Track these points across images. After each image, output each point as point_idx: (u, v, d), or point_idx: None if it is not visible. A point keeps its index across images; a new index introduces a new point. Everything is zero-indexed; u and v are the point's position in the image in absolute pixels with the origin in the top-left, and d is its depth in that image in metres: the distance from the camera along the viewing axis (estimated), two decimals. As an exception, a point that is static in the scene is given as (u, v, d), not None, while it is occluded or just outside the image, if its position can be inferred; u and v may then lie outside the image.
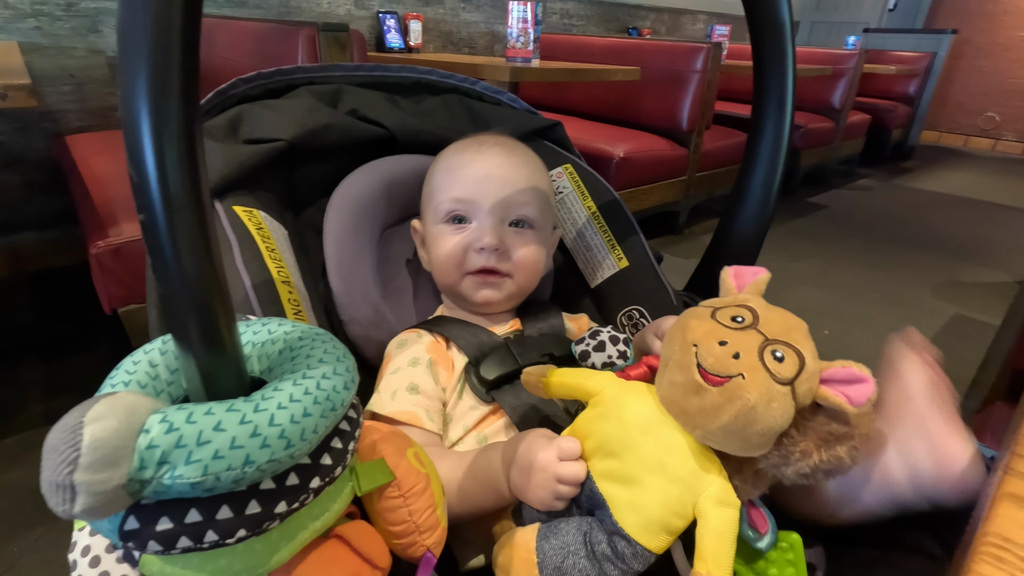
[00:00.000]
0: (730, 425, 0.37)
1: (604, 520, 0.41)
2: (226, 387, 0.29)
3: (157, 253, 0.24)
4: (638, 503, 0.40)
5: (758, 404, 0.36)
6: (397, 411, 0.52)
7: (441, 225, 0.60)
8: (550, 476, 0.42)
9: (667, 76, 2.21)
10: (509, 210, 0.60)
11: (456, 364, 0.57)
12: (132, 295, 1.05)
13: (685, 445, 0.40)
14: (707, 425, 0.38)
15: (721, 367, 0.37)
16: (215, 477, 0.26)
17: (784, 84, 0.59)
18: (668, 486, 0.40)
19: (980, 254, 2.52)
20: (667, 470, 0.40)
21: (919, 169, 4.26)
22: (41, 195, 1.64)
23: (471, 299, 0.61)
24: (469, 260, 0.59)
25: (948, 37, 4.20)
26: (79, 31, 1.63)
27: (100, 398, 0.25)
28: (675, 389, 0.40)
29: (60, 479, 0.23)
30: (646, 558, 0.40)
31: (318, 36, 1.19)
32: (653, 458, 0.40)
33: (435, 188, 0.62)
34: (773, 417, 0.36)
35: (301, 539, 0.32)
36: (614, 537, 0.40)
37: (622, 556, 0.40)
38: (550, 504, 0.43)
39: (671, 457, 0.40)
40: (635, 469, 0.40)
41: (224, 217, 0.54)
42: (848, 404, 0.36)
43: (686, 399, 0.39)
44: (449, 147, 0.64)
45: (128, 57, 0.23)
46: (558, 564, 0.40)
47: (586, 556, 0.40)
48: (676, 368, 0.40)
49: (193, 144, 0.24)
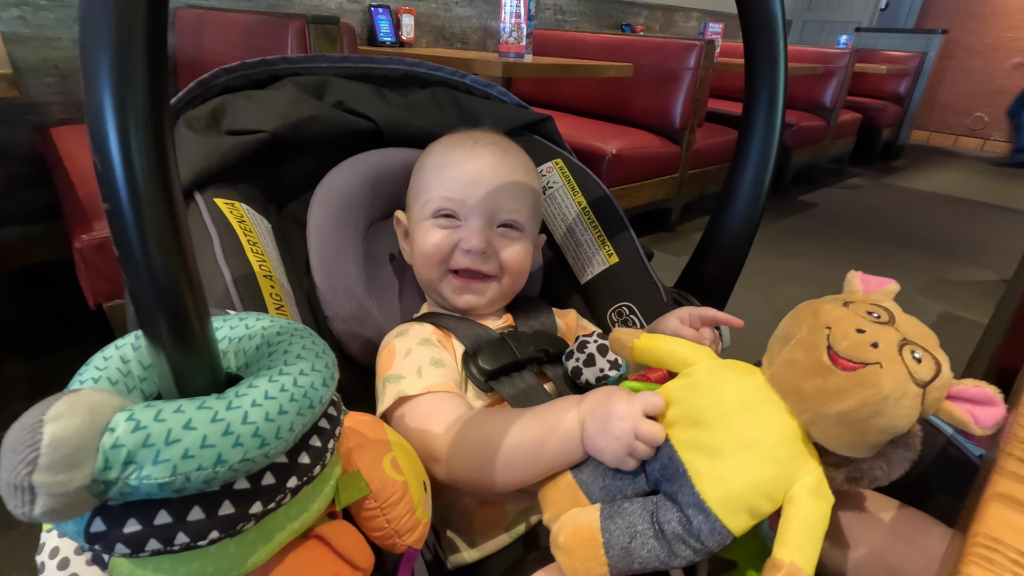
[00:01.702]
0: (852, 413, 0.35)
1: (680, 492, 0.38)
2: (199, 384, 0.28)
3: (123, 245, 0.23)
4: (724, 477, 0.37)
5: (890, 396, 0.34)
6: (432, 385, 0.50)
7: (429, 220, 0.59)
8: (628, 429, 0.40)
9: (660, 73, 2.21)
10: (498, 213, 0.59)
11: (458, 352, 0.56)
12: (117, 290, 1.03)
13: (788, 427, 0.38)
14: (823, 408, 0.36)
15: (857, 353, 0.36)
16: (185, 477, 0.25)
17: (776, 80, 0.59)
18: (761, 464, 0.37)
19: (968, 253, 2.54)
20: (763, 448, 0.37)
21: (909, 168, 4.29)
22: (24, 188, 1.62)
23: (452, 302, 0.60)
24: (454, 258, 0.58)
25: (938, 37, 4.23)
26: (64, 22, 1.60)
27: (62, 395, 0.24)
28: (793, 368, 0.38)
29: (18, 480, 0.22)
30: (723, 537, 0.37)
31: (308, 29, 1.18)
32: (748, 434, 0.38)
33: (424, 183, 0.61)
34: (900, 415, 0.34)
35: (278, 540, 0.31)
36: (691, 511, 0.37)
37: (697, 533, 0.37)
38: (622, 459, 0.40)
39: (769, 435, 0.38)
40: (725, 442, 0.38)
41: (204, 209, 0.53)
42: (974, 424, 0.34)
43: (804, 379, 0.37)
44: (441, 141, 0.63)
45: (89, 35, 0.22)
46: (625, 544, 0.38)
47: (654, 536, 0.38)
48: (800, 347, 0.38)
49: (161, 130, 0.23)
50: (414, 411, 0.49)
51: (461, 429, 0.46)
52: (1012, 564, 0.22)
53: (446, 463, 0.46)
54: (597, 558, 0.38)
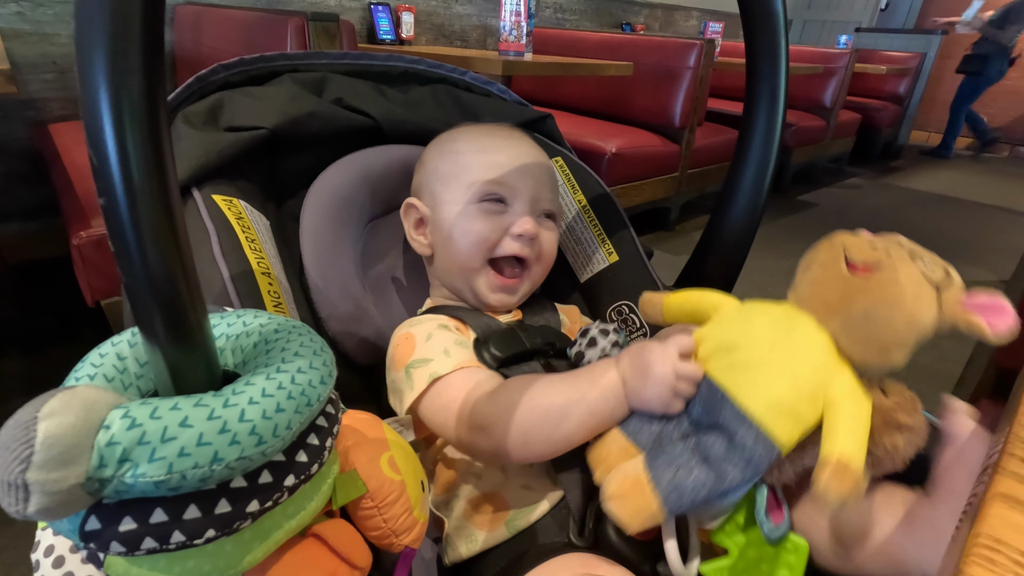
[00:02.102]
0: (875, 309, 0.37)
1: (722, 415, 0.39)
2: (195, 381, 0.27)
3: (119, 240, 0.23)
4: (764, 382, 0.38)
5: (907, 289, 0.36)
6: (462, 362, 0.50)
7: (474, 205, 0.57)
8: (668, 371, 0.41)
9: (660, 72, 2.20)
10: (541, 202, 0.59)
11: (471, 339, 0.56)
12: (115, 287, 1.03)
13: (818, 339, 0.39)
14: (849, 311, 0.38)
15: (873, 258, 0.39)
16: (181, 475, 0.25)
17: (777, 79, 0.59)
18: (797, 366, 0.39)
19: (966, 253, 2.55)
20: (797, 355, 0.39)
21: (907, 168, 4.29)
22: (22, 185, 1.61)
23: (483, 298, 0.59)
24: (503, 244, 0.57)
25: (938, 38, 4.23)
26: (62, 17, 1.59)
27: (57, 392, 0.23)
28: (816, 285, 0.40)
29: (12, 478, 0.22)
30: (768, 448, 0.37)
31: (307, 26, 1.17)
32: (782, 344, 0.40)
33: (463, 167, 0.59)
34: (919, 308, 0.36)
35: (275, 539, 0.31)
36: (734, 428, 0.38)
37: (742, 446, 0.37)
38: (668, 402, 0.41)
39: (802, 346, 0.39)
40: (760, 355, 0.40)
41: (203, 206, 0.53)
42: (989, 330, 0.36)
43: (828, 291, 0.39)
44: (466, 128, 0.62)
45: (84, 28, 0.21)
46: (671, 478, 0.38)
47: (698, 464, 0.39)
48: (819, 267, 0.41)
49: (157, 124, 0.23)
50: (450, 388, 0.48)
51: (506, 393, 0.46)
52: (1014, 564, 0.22)
53: (494, 430, 0.45)
54: (647, 496, 0.39)
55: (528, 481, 0.50)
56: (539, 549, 0.46)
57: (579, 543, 0.46)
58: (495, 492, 0.50)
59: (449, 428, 0.48)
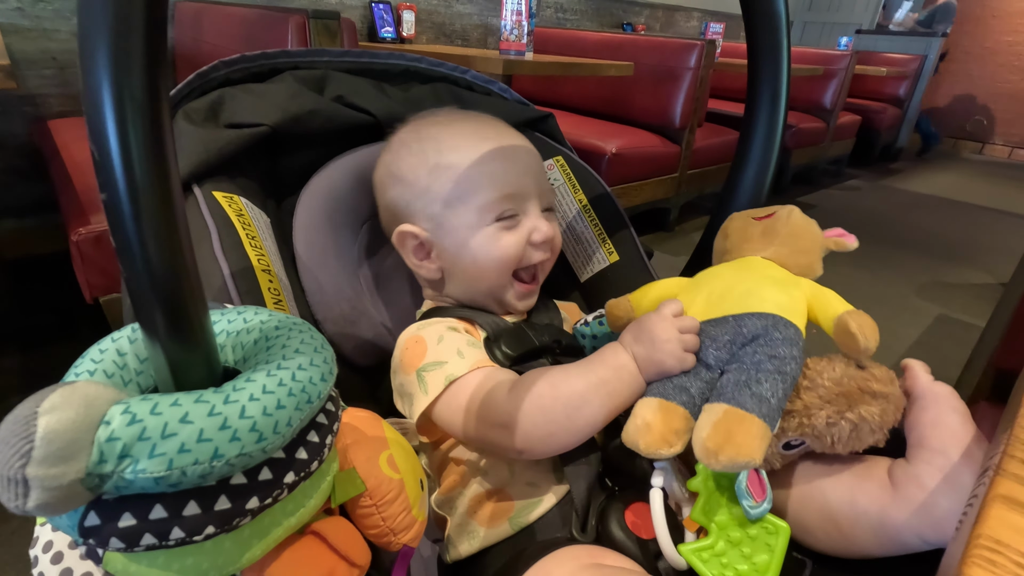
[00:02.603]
0: (784, 225, 0.50)
1: (746, 329, 0.43)
2: (196, 377, 0.27)
3: (120, 235, 0.23)
4: (759, 294, 0.45)
5: (799, 217, 0.51)
6: (477, 362, 0.49)
7: (492, 227, 0.55)
8: (671, 329, 0.44)
9: (660, 72, 2.20)
10: (546, 196, 0.58)
11: (481, 339, 0.55)
12: (113, 284, 1.03)
13: (768, 261, 0.50)
14: (774, 237, 0.51)
15: (768, 211, 0.53)
16: (181, 471, 0.24)
17: (778, 79, 0.59)
18: (773, 276, 0.47)
19: (965, 256, 2.55)
20: (765, 272, 0.48)
21: (907, 171, 4.30)
22: (21, 181, 1.61)
23: (511, 307, 0.59)
24: (528, 256, 0.56)
25: (938, 40, 4.23)
26: (62, 13, 1.59)
27: (57, 387, 0.23)
28: (743, 237, 0.53)
29: (12, 473, 0.21)
30: (796, 333, 0.43)
31: (308, 23, 1.17)
32: (750, 273, 0.48)
33: (469, 187, 0.55)
34: (812, 226, 0.51)
35: (275, 536, 0.31)
36: (763, 327, 0.43)
37: (777, 339, 0.42)
38: (682, 358, 0.44)
39: (762, 267, 0.49)
40: (740, 283, 0.47)
41: (203, 202, 0.52)
42: (848, 242, 0.50)
43: (752, 234, 0.52)
44: (448, 132, 0.57)
45: (87, 21, 0.21)
46: (751, 396, 0.40)
47: (757, 374, 0.41)
48: (736, 230, 0.54)
49: (159, 118, 0.23)
50: (467, 389, 0.48)
51: (524, 388, 0.46)
52: (1015, 566, 0.22)
53: (517, 425, 0.45)
54: (750, 421, 0.39)
55: (533, 478, 0.50)
56: (542, 544, 0.46)
57: (582, 538, 0.46)
58: (500, 489, 0.50)
59: (469, 428, 0.47)
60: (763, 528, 0.42)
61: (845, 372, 0.43)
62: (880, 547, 0.43)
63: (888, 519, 0.42)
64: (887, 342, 1.85)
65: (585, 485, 0.48)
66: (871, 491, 0.43)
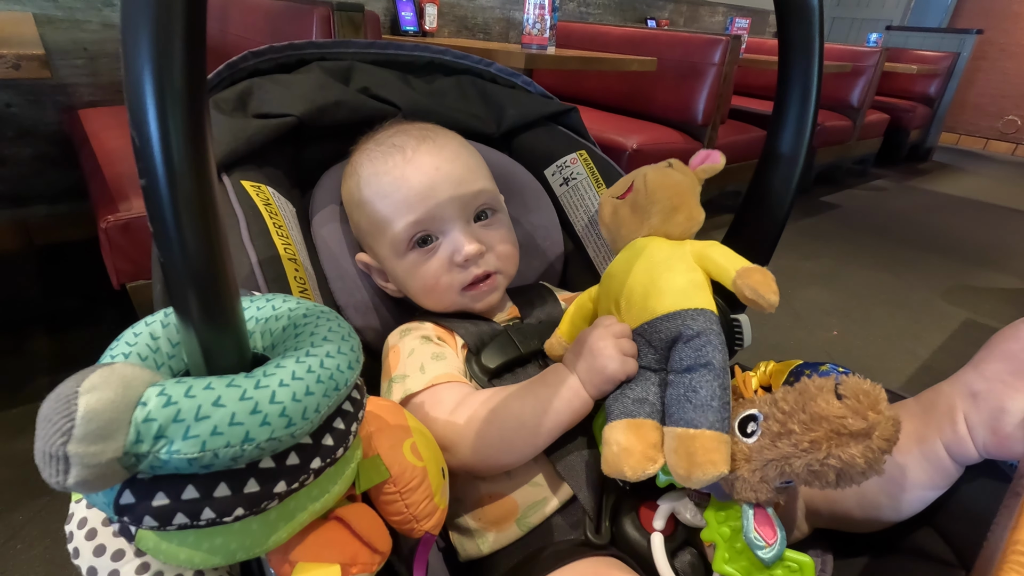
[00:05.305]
0: (644, 197, 0.51)
1: (665, 331, 0.44)
2: (227, 362, 0.28)
3: (158, 220, 0.24)
4: (658, 287, 0.46)
5: (647, 174, 0.52)
6: (435, 377, 0.50)
7: (408, 255, 0.55)
8: (607, 338, 0.45)
9: (684, 68, 2.18)
10: (468, 207, 0.56)
11: (460, 349, 0.56)
12: (140, 270, 1.05)
13: (651, 238, 0.51)
14: (647, 213, 0.51)
15: (625, 185, 0.54)
16: (213, 453, 0.25)
17: (810, 75, 0.57)
18: (661, 258, 0.48)
19: (994, 259, 2.49)
20: (654, 255, 0.48)
21: (936, 171, 4.19)
22: (52, 168, 1.64)
23: (473, 311, 0.59)
24: (455, 278, 0.55)
25: (972, 37, 4.11)
26: (93, 4, 1.62)
27: (96, 368, 0.24)
28: (617, 223, 0.54)
29: (53, 450, 0.22)
30: (709, 318, 0.44)
31: (332, 16, 1.18)
32: (641, 260, 0.48)
33: (379, 220, 0.55)
34: (673, 177, 0.52)
35: (300, 520, 0.31)
36: (676, 327, 0.43)
37: (693, 332, 0.42)
38: (623, 363, 0.44)
39: (651, 248, 0.49)
40: (643, 287, 0.47)
41: (232, 191, 0.53)
42: (716, 163, 0.56)
43: (624, 215, 0.53)
44: (359, 162, 0.57)
45: (130, 11, 0.22)
46: (692, 410, 0.40)
47: (691, 381, 0.41)
48: (607, 215, 0.55)
49: (198, 106, 0.23)
50: (419, 406, 0.49)
51: (464, 410, 0.47)
52: (1052, 574, 0.22)
53: (459, 447, 0.46)
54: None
55: (535, 478, 0.50)
56: (556, 549, 0.46)
57: (596, 540, 0.46)
58: (501, 492, 0.50)
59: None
60: (786, 568, 0.40)
61: (817, 412, 0.37)
62: (930, 480, 0.44)
63: (928, 442, 0.43)
64: (911, 347, 1.80)
65: (591, 489, 0.48)
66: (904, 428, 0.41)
